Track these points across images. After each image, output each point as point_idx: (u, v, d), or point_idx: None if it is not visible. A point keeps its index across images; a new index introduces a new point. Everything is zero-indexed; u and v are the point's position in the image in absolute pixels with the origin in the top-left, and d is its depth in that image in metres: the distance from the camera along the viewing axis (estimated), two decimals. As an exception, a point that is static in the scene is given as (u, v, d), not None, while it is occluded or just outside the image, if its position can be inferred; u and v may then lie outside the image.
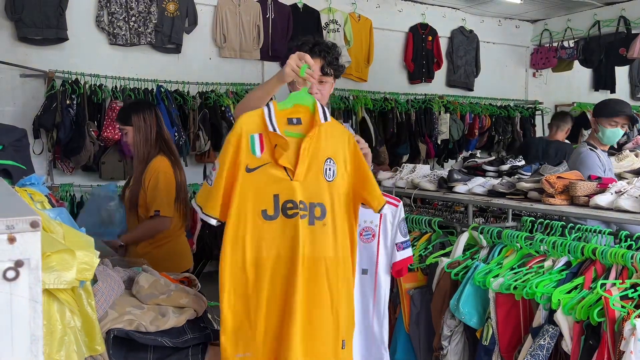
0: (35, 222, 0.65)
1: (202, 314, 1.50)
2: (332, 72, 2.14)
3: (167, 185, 2.67)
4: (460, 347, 2.45)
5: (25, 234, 0.65)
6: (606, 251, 2.08)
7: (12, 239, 0.64)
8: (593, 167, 2.98)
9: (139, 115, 2.72)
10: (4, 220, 0.63)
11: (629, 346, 1.79)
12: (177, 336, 1.36)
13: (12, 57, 4.39)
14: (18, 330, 0.65)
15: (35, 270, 0.66)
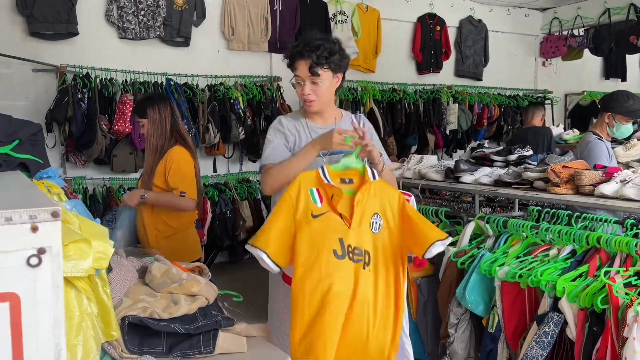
0: (56, 212, 0.70)
1: (213, 302, 1.54)
2: (325, 69, 2.09)
3: (190, 170, 2.76)
4: (467, 335, 2.49)
5: (47, 224, 0.69)
6: (610, 239, 2.10)
7: (34, 228, 0.69)
8: (602, 156, 2.99)
9: (154, 108, 2.77)
10: (27, 210, 0.68)
11: (632, 332, 1.83)
12: (189, 323, 1.40)
13: (24, 52, 4.45)
14: (42, 315, 0.70)
15: (57, 258, 0.71)
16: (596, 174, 2.40)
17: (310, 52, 2.07)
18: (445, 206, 3.14)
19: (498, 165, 3.42)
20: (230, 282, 4.85)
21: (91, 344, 1.07)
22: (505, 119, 6.81)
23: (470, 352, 2.49)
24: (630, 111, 2.99)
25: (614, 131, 3.06)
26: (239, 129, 5.06)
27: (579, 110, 7.45)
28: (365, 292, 1.81)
